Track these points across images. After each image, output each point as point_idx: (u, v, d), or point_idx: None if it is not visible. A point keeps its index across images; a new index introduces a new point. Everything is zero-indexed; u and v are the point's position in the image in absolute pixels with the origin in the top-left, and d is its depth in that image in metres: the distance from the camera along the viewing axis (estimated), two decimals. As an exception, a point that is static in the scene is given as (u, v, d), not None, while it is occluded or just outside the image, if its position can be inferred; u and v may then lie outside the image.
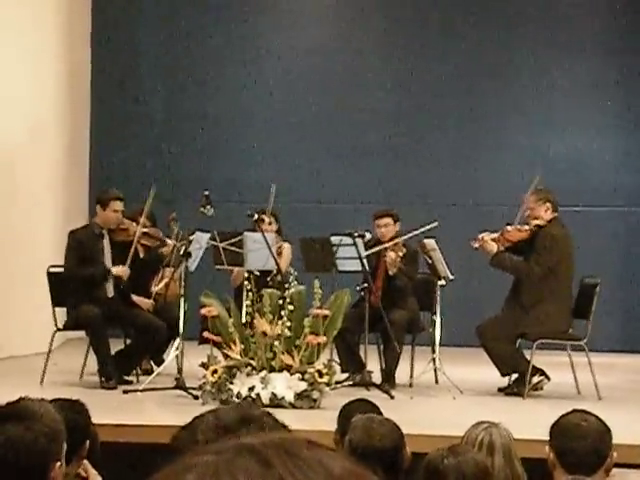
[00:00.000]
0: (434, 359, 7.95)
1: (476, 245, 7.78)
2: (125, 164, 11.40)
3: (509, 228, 7.81)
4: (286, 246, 8.40)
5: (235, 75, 11.57)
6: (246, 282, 7.18)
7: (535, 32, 11.32)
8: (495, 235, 7.78)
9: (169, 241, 7.92)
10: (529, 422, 5.73)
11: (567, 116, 11.28)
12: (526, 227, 7.78)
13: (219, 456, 0.86)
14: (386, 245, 7.91)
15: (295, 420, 5.60)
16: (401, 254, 7.81)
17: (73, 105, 10.95)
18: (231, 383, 6.84)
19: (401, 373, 7.86)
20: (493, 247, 7.71)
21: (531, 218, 7.80)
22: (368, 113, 11.42)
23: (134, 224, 7.85)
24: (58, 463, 2.43)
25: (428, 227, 7.90)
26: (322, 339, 6.93)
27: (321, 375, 6.81)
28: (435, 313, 8.08)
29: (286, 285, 7.04)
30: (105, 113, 11.50)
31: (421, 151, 11.38)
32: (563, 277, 7.69)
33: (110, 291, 7.72)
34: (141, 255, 8.02)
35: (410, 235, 7.97)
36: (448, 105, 11.35)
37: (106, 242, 7.79)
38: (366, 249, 7.81)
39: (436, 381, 7.96)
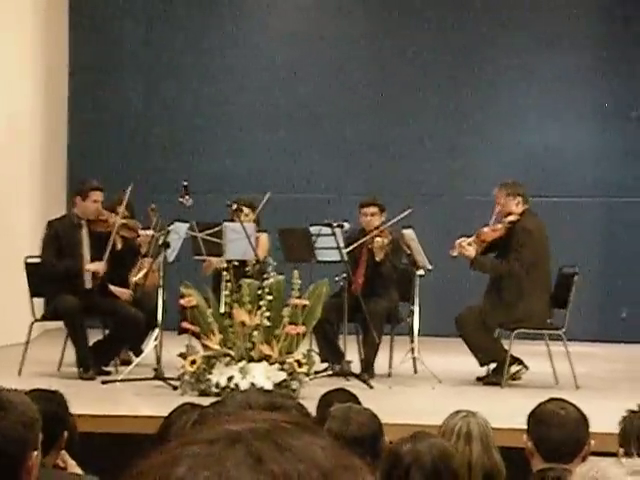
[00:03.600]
0: (413, 349, 7.97)
1: (455, 253, 7.79)
2: (103, 155, 11.35)
3: (484, 229, 7.82)
4: (263, 236, 8.40)
5: (215, 65, 11.54)
6: (225, 272, 7.17)
7: (515, 24, 11.33)
8: (471, 239, 7.79)
9: (142, 232, 7.88)
10: (507, 411, 5.76)
11: (546, 107, 11.30)
12: (499, 225, 7.80)
13: (209, 447, 0.86)
14: (372, 234, 7.91)
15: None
16: (387, 241, 7.83)
17: (51, 96, 10.90)
18: (210, 373, 6.83)
19: (380, 363, 7.87)
20: (471, 252, 7.71)
21: (503, 214, 7.81)
22: (350, 104, 11.41)
23: (113, 215, 7.82)
24: (35, 452, 2.43)
25: (403, 215, 7.94)
26: (301, 329, 6.93)
27: (300, 365, 6.82)
28: (414, 303, 8.10)
29: (265, 275, 7.04)
30: (83, 104, 11.45)
31: (402, 142, 11.38)
32: (542, 269, 7.72)
33: (88, 282, 7.69)
34: (119, 246, 7.99)
35: (389, 224, 7.97)
36: (429, 97, 11.36)
37: (85, 233, 7.76)
38: (347, 239, 7.82)
39: (415, 371, 7.99)
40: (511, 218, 7.75)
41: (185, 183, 7.59)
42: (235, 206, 7.75)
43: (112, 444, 5.56)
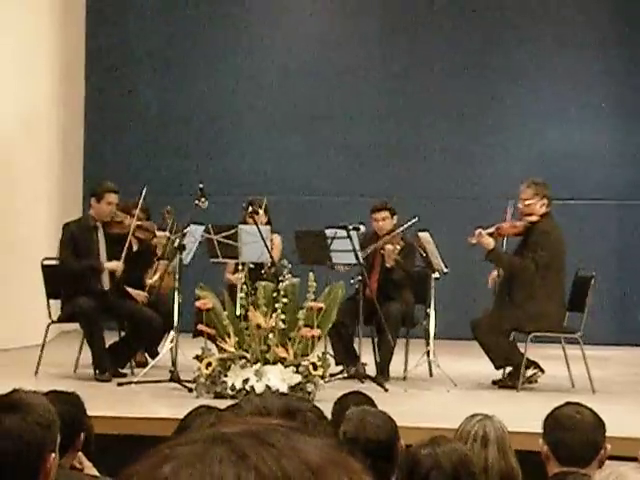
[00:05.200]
0: (428, 352, 7.96)
1: (473, 241, 7.80)
2: (119, 157, 11.38)
3: (504, 224, 7.83)
4: (277, 237, 8.41)
5: (230, 67, 11.56)
6: (240, 275, 7.17)
7: (529, 26, 11.31)
8: (490, 230, 7.80)
9: (159, 233, 7.90)
10: (523, 415, 5.74)
11: (561, 110, 11.28)
12: (519, 223, 7.80)
13: (194, 446, 0.86)
14: (384, 240, 7.91)
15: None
16: (399, 247, 7.82)
17: (67, 99, 10.93)
18: (225, 376, 6.84)
19: (395, 366, 7.86)
20: (490, 242, 7.73)
21: (525, 212, 7.81)
22: (365, 106, 11.41)
23: (128, 217, 7.84)
24: (53, 454, 2.44)
25: (409, 224, 7.96)
26: (316, 332, 6.93)
27: (315, 368, 6.81)
28: (429, 306, 8.09)
29: (280, 278, 7.04)
30: (99, 107, 11.48)
31: (417, 145, 11.38)
32: (556, 273, 7.70)
33: (106, 283, 7.71)
34: (134, 248, 8.01)
35: (394, 234, 7.95)
36: (444, 99, 11.35)
37: (101, 235, 7.78)
38: (361, 242, 7.81)
39: (430, 374, 7.97)
40: (532, 218, 7.75)
41: (201, 185, 7.60)
42: (250, 208, 7.76)
43: (128, 446, 5.57)
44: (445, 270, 8.04)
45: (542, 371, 7.70)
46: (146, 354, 8.15)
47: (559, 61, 11.25)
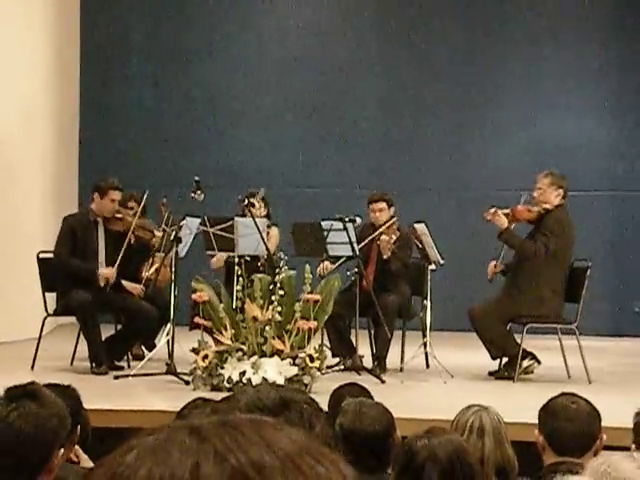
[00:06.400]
0: (425, 343, 7.97)
1: (488, 217, 7.85)
2: (115, 151, 11.37)
3: (519, 207, 7.88)
4: (274, 230, 8.41)
5: (226, 61, 11.54)
6: (237, 267, 7.18)
7: (526, 19, 11.31)
8: (506, 211, 7.86)
9: (157, 233, 7.91)
10: (519, 405, 5.76)
11: (558, 101, 11.28)
12: (535, 208, 7.85)
13: (159, 434, 0.86)
14: (380, 231, 7.92)
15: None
16: (394, 237, 7.83)
17: (63, 92, 10.92)
18: (222, 368, 6.84)
19: (392, 357, 7.87)
20: (504, 222, 7.78)
21: (540, 200, 7.85)
22: (361, 99, 11.41)
23: (130, 214, 7.84)
24: (62, 450, 2.48)
25: (391, 221, 7.96)
26: (313, 324, 6.93)
27: (312, 360, 6.82)
28: (426, 297, 8.09)
29: (277, 270, 7.04)
30: (95, 100, 11.47)
31: (413, 137, 11.38)
32: (562, 263, 7.73)
33: (103, 280, 7.70)
34: (131, 241, 8.00)
35: (383, 227, 7.95)
36: (440, 91, 11.35)
37: (100, 230, 7.76)
38: (357, 234, 7.82)
39: (427, 365, 7.98)
40: (547, 206, 7.80)
41: (197, 178, 7.60)
42: (247, 200, 7.76)
43: (124, 439, 5.57)
44: (441, 262, 8.04)
45: (538, 362, 7.71)
46: (143, 347, 8.15)
47: (560, 53, 11.24)
